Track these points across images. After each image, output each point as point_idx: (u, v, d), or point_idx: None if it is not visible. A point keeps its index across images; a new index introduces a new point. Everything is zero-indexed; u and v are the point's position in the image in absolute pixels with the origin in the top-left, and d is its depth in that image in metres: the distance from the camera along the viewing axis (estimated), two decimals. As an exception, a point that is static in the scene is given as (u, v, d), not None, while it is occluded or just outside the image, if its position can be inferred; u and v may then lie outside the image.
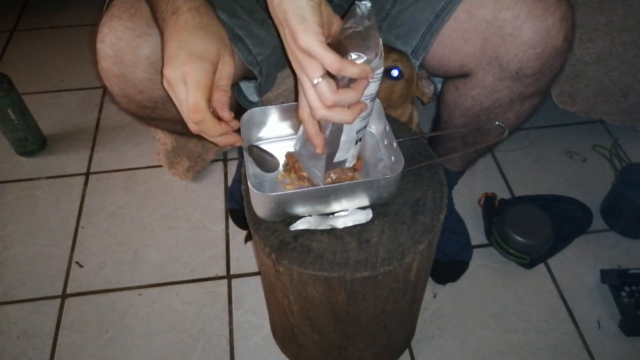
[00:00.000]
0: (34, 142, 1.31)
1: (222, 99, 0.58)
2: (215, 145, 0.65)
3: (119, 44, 0.65)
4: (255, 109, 0.71)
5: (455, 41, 0.72)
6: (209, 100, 0.56)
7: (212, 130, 0.57)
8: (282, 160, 0.72)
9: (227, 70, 0.58)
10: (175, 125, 0.80)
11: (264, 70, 0.79)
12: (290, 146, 0.72)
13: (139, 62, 0.66)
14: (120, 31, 0.64)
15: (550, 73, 0.70)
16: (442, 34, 0.72)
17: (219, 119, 0.58)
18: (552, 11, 0.64)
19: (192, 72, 0.54)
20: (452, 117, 0.83)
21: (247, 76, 0.81)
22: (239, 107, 0.87)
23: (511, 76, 0.70)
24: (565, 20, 0.65)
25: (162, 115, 0.74)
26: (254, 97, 0.88)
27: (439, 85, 0.90)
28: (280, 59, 0.85)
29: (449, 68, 0.77)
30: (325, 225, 0.66)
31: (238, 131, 0.62)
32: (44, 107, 1.44)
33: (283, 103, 0.72)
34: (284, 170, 0.71)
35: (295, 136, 0.74)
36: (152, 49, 0.65)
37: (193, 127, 0.57)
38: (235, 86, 0.84)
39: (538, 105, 0.78)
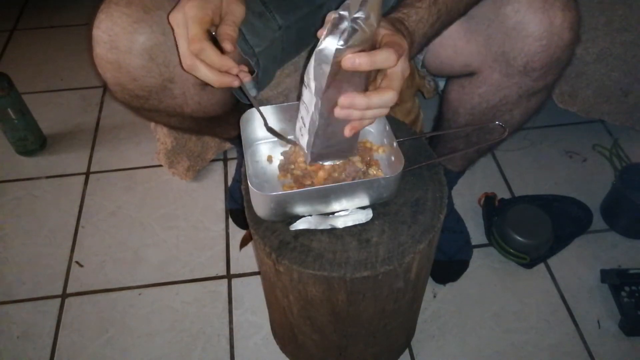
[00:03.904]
0: (34, 142, 1.31)
1: (226, 30, 0.59)
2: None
3: (115, 29, 0.64)
4: (256, 109, 0.70)
5: (457, 42, 0.71)
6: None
7: (213, 60, 0.58)
8: (277, 161, 0.72)
9: (232, 8, 0.61)
10: (170, 118, 0.80)
11: (261, 62, 0.78)
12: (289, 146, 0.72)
13: (134, 48, 0.65)
14: (116, 17, 0.64)
15: (558, 66, 0.70)
16: (444, 35, 0.72)
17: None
18: (551, 2, 0.64)
19: (190, 10, 0.57)
20: (457, 115, 0.83)
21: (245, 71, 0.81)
22: (236, 104, 0.87)
23: (519, 71, 0.69)
24: (567, 9, 0.65)
25: (155, 106, 0.74)
26: (252, 91, 0.88)
27: (441, 84, 0.90)
28: (279, 55, 0.85)
29: (453, 68, 0.77)
30: (325, 225, 0.66)
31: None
32: (44, 107, 1.44)
33: (283, 103, 0.72)
34: (281, 171, 0.71)
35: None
36: (148, 35, 0.65)
37: (187, 63, 0.58)
38: None
39: (544, 100, 0.78)
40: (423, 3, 0.60)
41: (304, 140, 0.64)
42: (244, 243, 1.11)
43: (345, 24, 0.50)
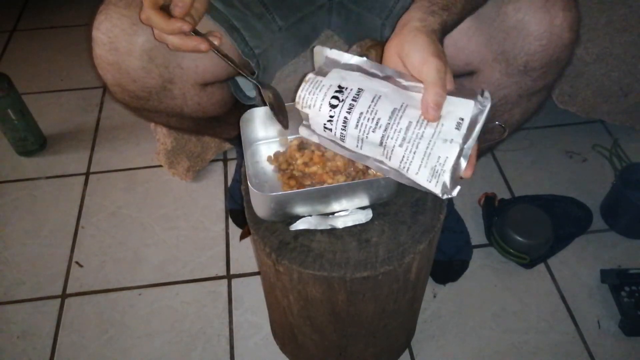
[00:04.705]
0: (34, 142, 1.31)
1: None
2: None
3: (114, 31, 0.65)
4: (256, 109, 0.71)
5: (458, 40, 0.72)
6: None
7: (161, 25, 0.59)
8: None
9: None
10: (170, 118, 0.80)
11: (261, 63, 0.79)
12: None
13: (134, 50, 0.66)
14: (116, 18, 0.65)
15: (558, 66, 0.70)
16: None
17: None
18: (552, 1, 0.64)
19: None
20: None
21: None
22: (236, 103, 0.87)
23: (519, 71, 0.69)
24: (568, 10, 0.65)
25: (155, 107, 0.74)
26: (251, 93, 0.88)
27: None
28: (279, 56, 0.85)
29: (453, 67, 0.77)
30: (325, 225, 0.67)
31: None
32: (44, 107, 1.44)
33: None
34: (279, 171, 0.70)
35: (295, 136, 0.74)
36: (148, 37, 0.65)
37: (155, 33, 0.62)
38: (232, 82, 0.84)
39: (543, 101, 0.78)
40: (456, 7, 0.59)
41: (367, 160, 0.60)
42: (244, 235, 1.11)
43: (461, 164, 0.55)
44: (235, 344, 0.97)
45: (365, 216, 0.67)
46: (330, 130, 0.58)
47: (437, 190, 0.55)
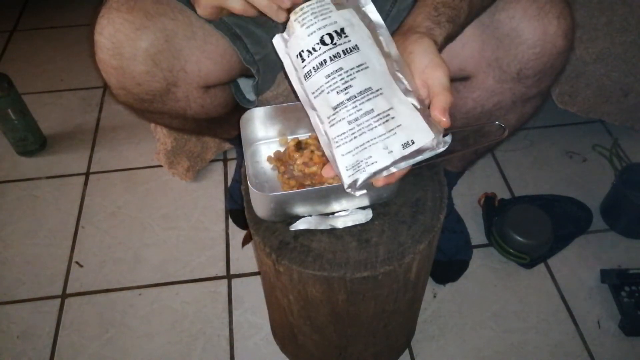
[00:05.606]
0: (34, 142, 1.31)
1: None
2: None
3: (118, 36, 0.65)
4: (256, 109, 0.71)
5: (453, 45, 0.71)
6: None
7: None
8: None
9: None
10: (172, 120, 0.80)
11: (261, 69, 0.79)
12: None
13: (138, 55, 0.66)
14: (119, 23, 0.64)
15: (552, 73, 0.70)
16: None
17: None
18: (547, 10, 0.64)
19: None
20: (452, 118, 0.83)
21: (246, 74, 0.81)
22: (236, 106, 0.87)
23: (512, 78, 0.69)
24: (562, 18, 0.65)
25: (159, 109, 0.74)
26: (251, 96, 0.88)
27: None
28: (279, 60, 0.85)
29: None
30: (325, 225, 0.67)
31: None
32: (44, 107, 1.44)
33: (282, 103, 0.72)
34: (278, 171, 0.71)
35: (294, 136, 0.74)
36: (151, 41, 0.65)
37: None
38: (233, 83, 0.84)
39: (540, 106, 0.78)
40: (459, 20, 0.59)
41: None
42: (245, 241, 1.11)
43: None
44: (235, 344, 0.97)
45: (365, 216, 0.67)
46: (303, 61, 0.54)
47: (346, 180, 0.53)
